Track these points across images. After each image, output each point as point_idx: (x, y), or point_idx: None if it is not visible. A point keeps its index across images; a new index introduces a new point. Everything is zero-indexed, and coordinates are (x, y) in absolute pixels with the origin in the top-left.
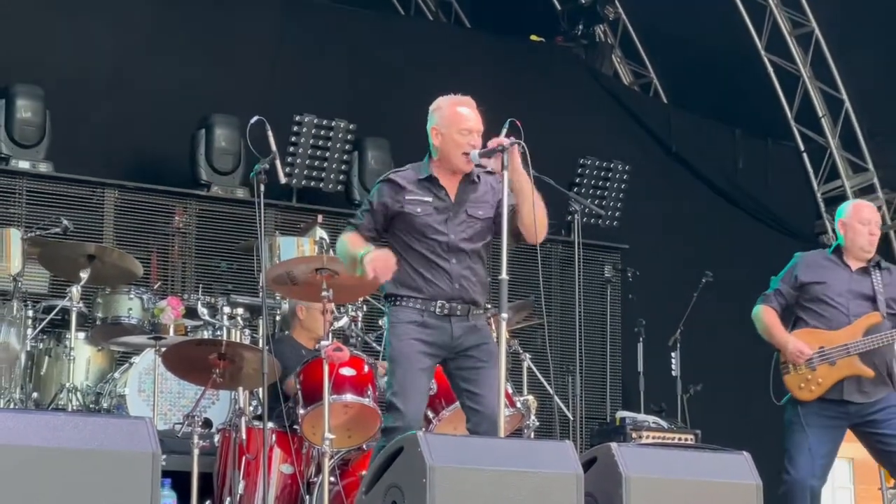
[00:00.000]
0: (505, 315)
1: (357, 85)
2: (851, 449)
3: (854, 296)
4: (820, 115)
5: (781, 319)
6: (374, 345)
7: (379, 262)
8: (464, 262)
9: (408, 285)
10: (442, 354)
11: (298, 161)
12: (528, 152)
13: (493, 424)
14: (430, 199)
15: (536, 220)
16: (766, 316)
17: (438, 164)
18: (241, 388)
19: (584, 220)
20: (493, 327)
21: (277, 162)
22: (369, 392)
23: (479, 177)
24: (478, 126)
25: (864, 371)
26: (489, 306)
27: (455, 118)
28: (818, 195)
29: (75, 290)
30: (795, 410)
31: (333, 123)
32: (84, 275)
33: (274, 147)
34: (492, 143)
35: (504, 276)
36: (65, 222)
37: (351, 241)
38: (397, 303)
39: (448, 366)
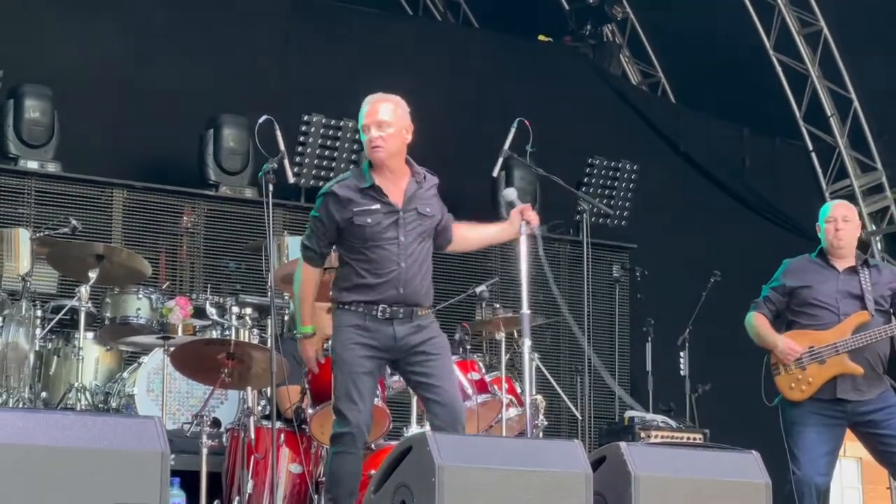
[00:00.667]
0: (527, 313)
1: (365, 84)
2: (860, 448)
3: (844, 296)
4: (828, 114)
5: (774, 325)
6: None
7: (308, 354)
8: (414, 265)
9: (352, 291)
10: (386, 356)
11: (307, 161)
12: (534, 153)
13: (456, 414)
14: (377, 207)
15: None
16: (756, 320)
17: (378, 168)
18: (249, 388)
19: (593, 219)
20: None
21: (286, 161)
22: (378, 392)
23: (425, 176)
24: (373, 119)
25: (854, 369)
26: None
27: (361, 119)
28: (827, 194)
29: (84, 290)
30: (791, 411)
31: (342, 123)
32: (93, 275)
33: (282, 147)
34: (529, 214)
35: (525, 310)
36: (73, 222)
37: (304, 286)
38: (341, 307)
39: (399, 366)
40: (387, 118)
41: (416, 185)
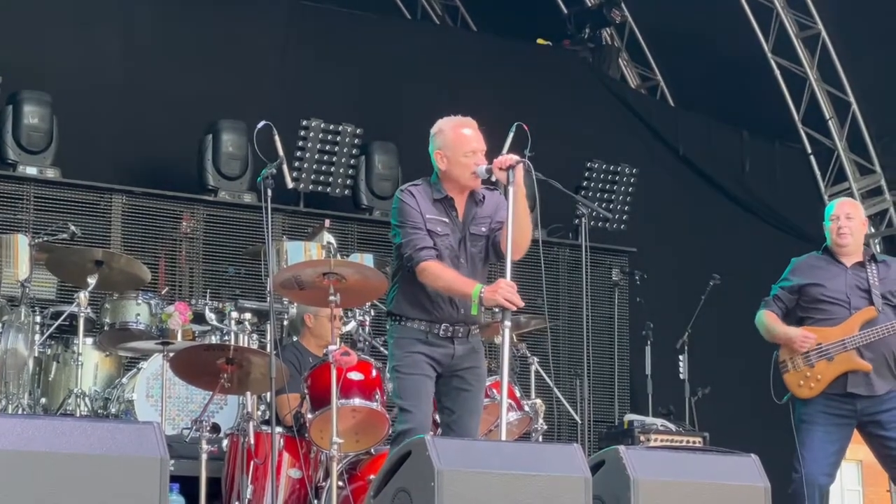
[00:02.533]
0: (508, 323)
1: (364, 89)
2: (860, 451)
3: (853, 291)
4: (827, 117)
5: (784, 324)
6: (382, 349)
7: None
8: None
9: (414, 306)
10: (440, 370)
11: (306, 165)
12: (533, 157)
13: None
14: (446, 220)
15: (519, 240)
16: (766, 317)
17: (447, 183)
18: (248, 393)
19: (592, 223)
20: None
21: (284, 167)
22: (377, 396)
23: (483, 196)
24: (481, 146)
25: (862, 365)
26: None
27: (459, 140)
28: (826, 197)
29: (83, 296)
30: (801, 409)
31: (340, 128)
32: (92, 280)
33: (281, 152)
34: (501, 161)
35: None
36: (72, 228)
37: (444, 280)
38: (402, 322)
39: (437, 382)
40: (485, 149)
41: (473, 205)
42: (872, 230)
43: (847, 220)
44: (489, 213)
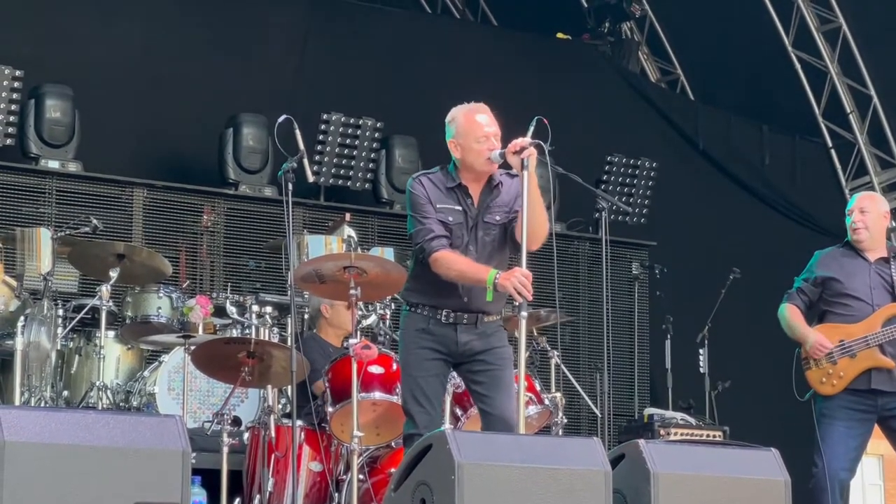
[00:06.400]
0: (525, 314)
1: (384, 83)
2: (882, 446)
3: (877, 287)
4: (848, 111)
5: (807, 317)
6: None
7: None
8: None
9: (419, 292)
10: (450, 359)
11: (326, 159)
12: (553, 151)
13: (507, 426)
14: (458, 208)
15: (533, 227)
16: (788, 313)
17: (463, 171)
18: (269, 387)
19: (612, 217)
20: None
21: (305, 160)
22: (398, 390)
23: (501, 182)
24: (494, 129)
25: (885, 362)
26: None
27: (471, 127)
28: (846, 191)
29: (105, 289)
30: (822, 404)
31: (361, 122)
32: (113, 274)
33: (302, 146)
34: (514, 144)
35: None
36: (94, 221)
37: (456, 267)
38: (408, 309)
39: (460, 370)
40: (499, 132)
41: (489, 192)
42: (893, 224)
43: (861, 214)
44: (507, 201)
